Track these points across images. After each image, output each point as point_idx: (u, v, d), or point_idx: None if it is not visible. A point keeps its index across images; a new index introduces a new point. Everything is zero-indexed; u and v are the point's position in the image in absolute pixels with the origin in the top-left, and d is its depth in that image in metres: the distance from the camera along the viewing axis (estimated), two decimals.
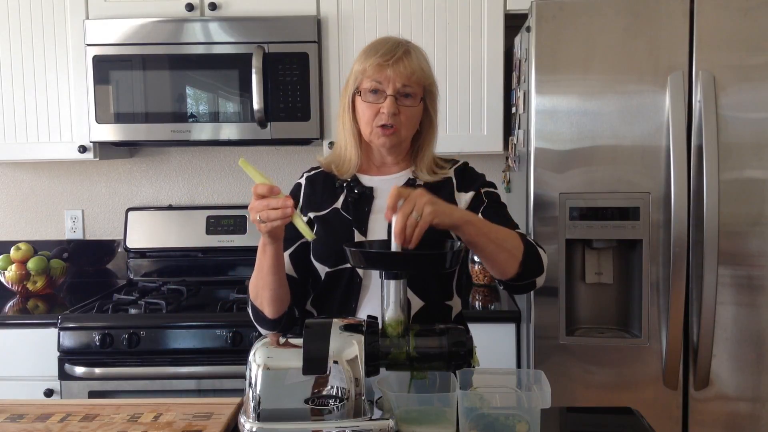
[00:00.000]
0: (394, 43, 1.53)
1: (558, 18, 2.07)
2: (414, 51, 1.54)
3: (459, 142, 2.55)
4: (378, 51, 1.51)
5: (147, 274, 2.91)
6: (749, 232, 2.06)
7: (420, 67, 1.53)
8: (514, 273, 1.44)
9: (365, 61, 1.52)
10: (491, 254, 1.40)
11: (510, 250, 1.42)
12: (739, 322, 2.08)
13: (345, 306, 1.53)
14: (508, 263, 1.42)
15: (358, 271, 1.52)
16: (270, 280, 1.44)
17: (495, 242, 1.39)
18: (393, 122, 1.51)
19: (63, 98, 2.63)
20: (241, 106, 2.53)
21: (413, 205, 1.25)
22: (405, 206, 1.25)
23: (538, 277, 1.49)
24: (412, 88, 1.51)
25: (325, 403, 1.17)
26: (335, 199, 1.59)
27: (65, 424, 1.32)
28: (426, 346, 1.21)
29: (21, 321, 2.39)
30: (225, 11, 2.57)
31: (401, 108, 1.51)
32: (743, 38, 2.03)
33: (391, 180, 1.59)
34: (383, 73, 1.49)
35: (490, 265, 1.44)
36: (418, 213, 1.24)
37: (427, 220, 1.25)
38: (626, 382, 2.12)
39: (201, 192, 3.03)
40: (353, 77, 1.55)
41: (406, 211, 1.24)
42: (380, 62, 1.49)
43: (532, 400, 1.19)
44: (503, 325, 2.34)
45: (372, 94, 1.52)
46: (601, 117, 2.08)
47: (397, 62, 1.49)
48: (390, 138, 1.53)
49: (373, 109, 1.52)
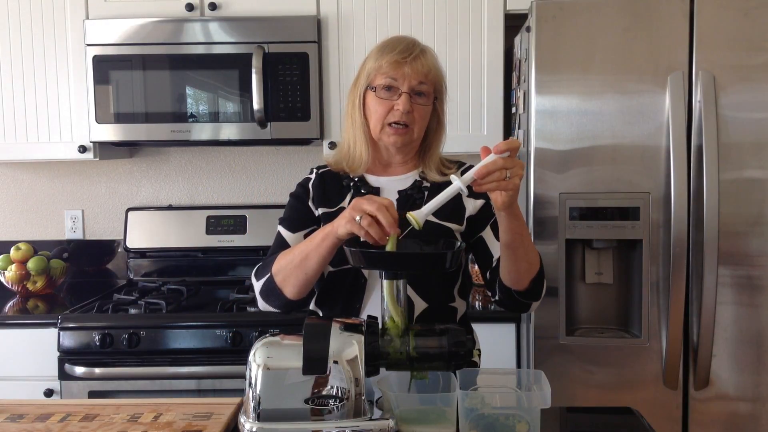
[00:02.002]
0: (411, 42, 1.54)
1: (558, 18, 2.07)
2: (429, 51, 1.55)
3: (459, 142, 2.54)
4: (395, 48, 1.51)
5: (147, 274, 2.91)
6: (749, 232, 2.06)
7: (435, 66, 1.54)
8: (524, 287, 1.44)
9: (381, 58, 1.51)
10: (518, 258, 1.40)
11: (531, 262, 1.42)
12: (739, 322, 2.08)
13: (349, 306, 1.53)
14: (526, 274, 1.43)
15: (363, 272, 1.52)
16: (312, 266, 1.41)
17: (524, 248, 1.39)
18: (406, 120, 1.50)
19: (63, 98, 2.62)
20: (241, 106, 2.53)
21: (514, 166, 1.22)
22: (509, 160, 1.22)
23: (536, 302, 1.50)
24: (426, 86, 1.52)
25: (325, 403, 1.17)
26: (342, 199, 1.58)
27: (65, 424, 1.32)
28: (426, 346, 1.21)
29: (21, 321, 2.39)
30: (225, 11, 2.57)
31: (414, 106, 1.51)
32: (743, 38, 2.03)
33: (397, 181, 1.59)
34: (400, 70, 1.49)
35: (509, 269, 1.43)
36: (511, 175, 1.22)
37: (509, 185, 1.23)
38: (626, 382, 2.12)
39: (201, 192, 3.03)
40: (365, 73, 1.54)
41: (508, 164, 1.21)
42: (398, 59, 1.49)
43: (532, 400, 1.19)
44: (503, 325, 2.34)
45: (386, 90, 1.51)
46: (601, 117, 2.08)
47: (414, 60, 1.50)
48: (402, 137, 1.52)
49: (386, 106, 1.51)
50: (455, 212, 1.55)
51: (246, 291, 2.55)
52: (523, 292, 1.45)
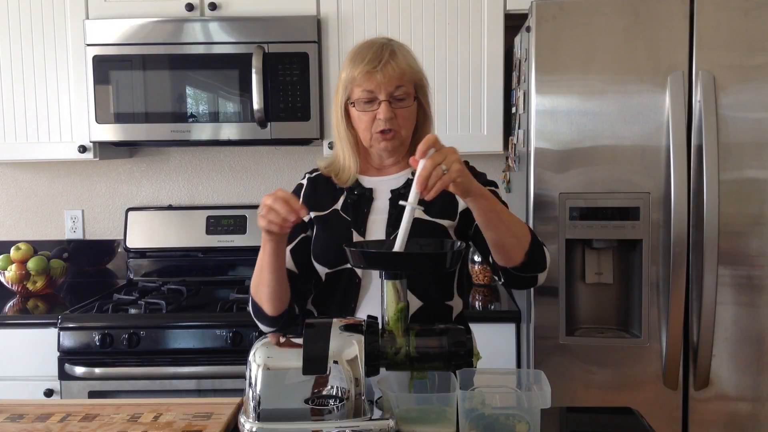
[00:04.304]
0: (379, 46, 1.51)
1: (558, 18, 2.07)
2: (399, 50, 1.52)
3: (459, 142, 2.52)
4: (365, 57, 1.49)
5: (147, 274, 2.91)
6: (749, 232, 2.06)
7: (408, 65, 1.51)
8: (519, 261, 1.43)
9: (353, 70, 1.50)
10: (500, 235, 1.39)
11: (518, 236, 1.41)
12: (739, 322, 2.08)
13: (344, 306, 1.53)
14: (515, 249, 1.41)
15: (357, 272, 1.52)
16: (268, 278, 1.44)
17: (505, 223, 1.38)
18: (391, 126, 1.50)
19: (63, 98, 2.63)
20: (241, 106, 2.53)
21: (444, 158, 1.22)
22: (436, 155, 1.22)
23: (541, 273, 1.48)
24: (404, 88, 1.50)
25: (325, 403, 1.17)
26: (335, 201, 1.59)
27: (65, 424, 1.32)
28: (426, 346, 1.21)
29: (21, 321, 2.39)
30: (225, 11, 2.57)
31: (397, 111, 1.50)
32: (743, 38, 2.03)
33: (390, 181, 1.59)
34: (373, 79, 1.48)
35: (496, 248, 1.42)
36: (447, 166, 1.22)
37: (452, 175, 1.22)
38: (626, 382, 2.12)
39: (201, 192, 3.03)
40: (342, 86, 1.54)
41: (437, 160, 1.21)
42: (368, 69, 1.47)
43: (532, 400, 1.19)
44: (503, 325, 2.34)
45: (365, 103, 1.50)
46: (601, 117, 2.08)
47: (385, 66, 1.47)
48: (391, 142, 1.52)
49: (369, 117, 1.51)
50: (447, 208, 1.55)
51: (246, 291, 2.53)
52: (520, 266, 1.44)
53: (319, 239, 1.56)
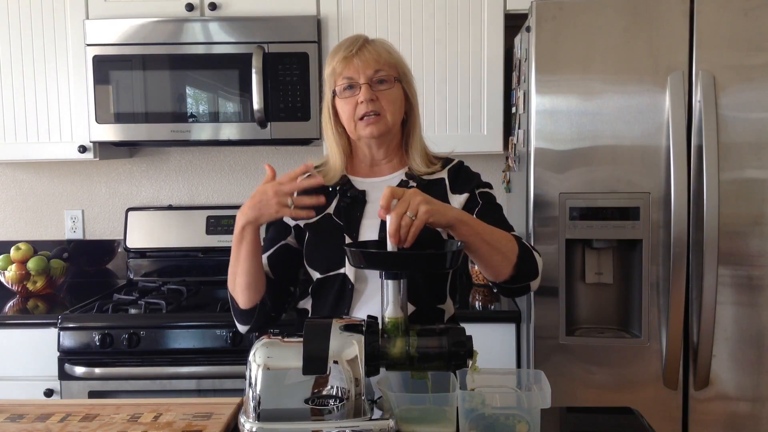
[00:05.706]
0: (355, 37, 1.56)
1: (558, 18, 2.07)
2: (377, 41, 1.57)
3: (459, 142, 2.54)
4: (341, 48, 1.54)
5: (147, 274, 2.91)
6: (749, 232, 2.06)
7: (386, 50, 1.55)
8: (507, 276, 1.43)
9: (332, 62, 1.54)
10: (485, 255, 1.39)
11: (504, 252, 1.41)
12: (739, 322, 2.08)
13: (337, 311, 1.52)
14: (502, 265, 1.42)
15: (350, 277, 1.51)
16: (245, 266, 1.45)
17: (489, 243, 1.38)
18: (374, 108, 1.51)
19: (63, 98, 2.63)
20: (241, 106, 2.53)
21: (407, 205, 1.24)
22: (399, 206, 1.24)
23: (533, 280, 1.48)
24: (384, 72, 1.52)
25: (325, 403, 1.17)
26: (328, 205, 1.57)
27: (65, 424, 1.32)
28: (426, 346, 1.21)
29: (21, 321, 2.39)
30: (225, 11, 2.57)
31: (379, 93, 1.51)
32: (743, 38, 2.03)
33: (384, 182, 1.58)
34: (351, 64, 1.51)
35: (483, 266, 1.44)
36: (412, 212, 1.24)
37: (422, 219, 1.24)
38: (626, 382, 2.12)
39: (201, 192, 3.03)
40: (327, 83, 1.57)
41: (401, 211, 1.24)
42: (345, 55, 1.51)
43: (532, 400, 1.19)
44: (503, 325, 2.34)
45: (348, 89, 1.52)
46: (601, 117, 2.08)
47: (360, 50, 1.51)
48: (376, 126, 1.52)
49: (351, 104, 1.52)
50: None
51: None
52: (510, 279, 1.44)
53: (312, 244, 1.56)
